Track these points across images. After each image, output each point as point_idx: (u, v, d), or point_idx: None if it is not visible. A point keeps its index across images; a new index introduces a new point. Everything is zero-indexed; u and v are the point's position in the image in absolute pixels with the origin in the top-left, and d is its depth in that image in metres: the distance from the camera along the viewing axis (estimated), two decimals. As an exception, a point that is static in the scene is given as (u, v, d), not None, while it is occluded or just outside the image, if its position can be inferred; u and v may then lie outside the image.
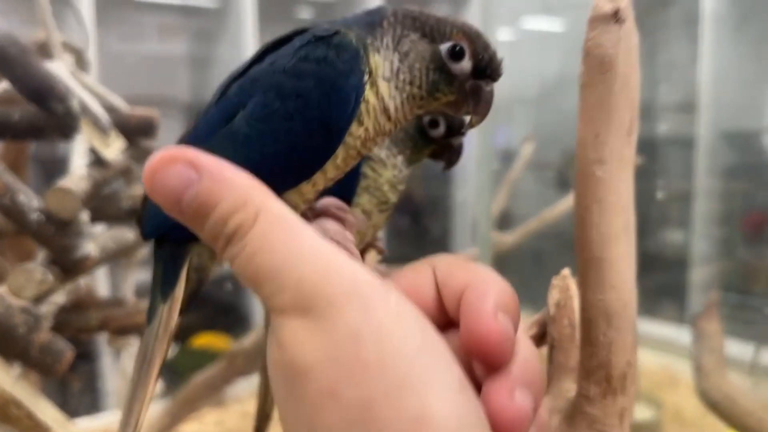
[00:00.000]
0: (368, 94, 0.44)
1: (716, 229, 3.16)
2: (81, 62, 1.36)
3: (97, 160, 1.22)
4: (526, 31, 3.90)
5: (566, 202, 2.34)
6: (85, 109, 1.21)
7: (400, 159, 0.73)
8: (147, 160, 0.31)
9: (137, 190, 1.40)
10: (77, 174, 1.12)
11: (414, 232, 3.97)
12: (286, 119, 0.42)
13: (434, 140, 0.72)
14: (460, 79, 0.47)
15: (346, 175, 0.48)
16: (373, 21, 0.46)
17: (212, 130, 0.44)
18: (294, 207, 0.45)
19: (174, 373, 2.32)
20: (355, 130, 0.44)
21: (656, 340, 2.82)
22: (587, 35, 0.55)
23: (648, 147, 3.48)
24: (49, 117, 1.23)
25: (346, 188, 0.59)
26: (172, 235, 0.47)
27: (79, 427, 1.16)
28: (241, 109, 0.43)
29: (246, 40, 2.84)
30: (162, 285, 0.47)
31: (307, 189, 0.45)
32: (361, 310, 0.29)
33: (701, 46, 3.03)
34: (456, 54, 0.46)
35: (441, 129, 0.72)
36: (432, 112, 0.65)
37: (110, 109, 1.34)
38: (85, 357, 2.25)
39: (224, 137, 0.44)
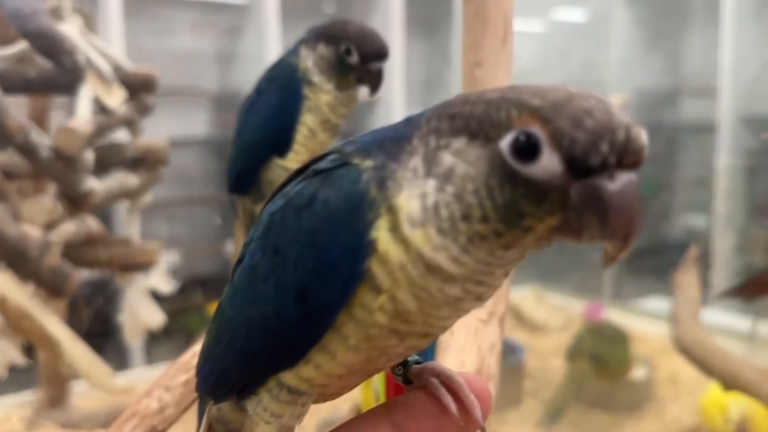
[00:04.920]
0: (389, 250, 0.32)
1: (735, 212, 3.22)
2: (90, 25, 1.51)
3: (101, 109, 1.36)
4: (554, 23, 4.02)
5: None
6: (90, 63, 1.36)
7: (330, 86, 0.85)
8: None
9: (140, 141, 1.54)
10: (82, 117, 1.27)
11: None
12: (261, 280, 0.33)
13: (353, 67, 0.84)
14: (554, 186, 0.30)
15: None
16: (401, 136, 0.34)
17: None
18: (310, 385, 0.36)
19: (192, 335, 2.50)
20: (371, 300, 0.32)
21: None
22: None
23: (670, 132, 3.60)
24: (59, 71, 1.39)
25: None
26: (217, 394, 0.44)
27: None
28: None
29: (270, 35, 2.95)
30: None
31: (330, 366, 0.34)
32: None
33: (722, 31, 3.06)
34: (524, 149, 0.30)
35: (355, 57, 0.83)
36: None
37: (116, 67, 1.48)
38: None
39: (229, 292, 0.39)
